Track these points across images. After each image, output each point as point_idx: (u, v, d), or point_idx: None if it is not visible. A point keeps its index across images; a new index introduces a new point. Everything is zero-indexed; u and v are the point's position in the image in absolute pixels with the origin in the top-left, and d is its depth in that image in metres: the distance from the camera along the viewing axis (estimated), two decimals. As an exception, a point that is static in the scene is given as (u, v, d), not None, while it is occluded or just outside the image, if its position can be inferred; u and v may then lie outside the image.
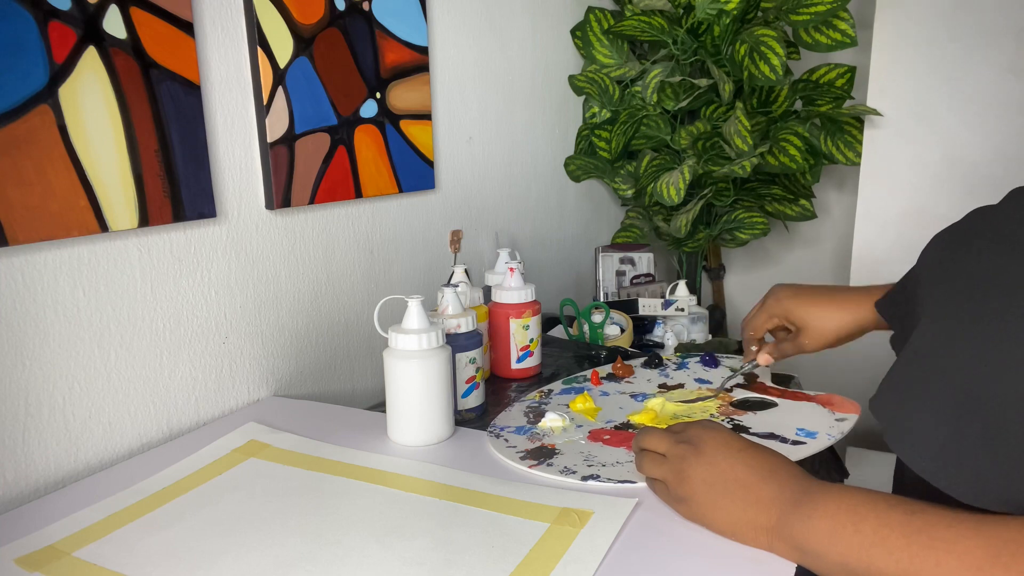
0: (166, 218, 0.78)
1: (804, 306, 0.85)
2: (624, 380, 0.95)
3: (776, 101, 1.50)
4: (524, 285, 0.97)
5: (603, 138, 1.59)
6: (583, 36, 1.57)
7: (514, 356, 0.97)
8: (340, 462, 0.72)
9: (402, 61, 1.07)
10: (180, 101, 0.78)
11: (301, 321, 0.96)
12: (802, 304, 0.85)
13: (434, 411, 0.76)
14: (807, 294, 0.85)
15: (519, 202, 1.44)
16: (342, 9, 0.96)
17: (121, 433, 0.76)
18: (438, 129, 1.18)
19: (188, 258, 0.81)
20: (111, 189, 0.72)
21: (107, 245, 0.73)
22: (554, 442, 0.76)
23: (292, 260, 0.94)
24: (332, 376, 1.01)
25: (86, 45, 0.69)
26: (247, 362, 0.89)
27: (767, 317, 0.89)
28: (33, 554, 0.57)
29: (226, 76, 0.84)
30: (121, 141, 0.73)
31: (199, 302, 0.83)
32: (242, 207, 0.87)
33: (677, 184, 1.43)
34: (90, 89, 0.70)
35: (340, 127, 0.98)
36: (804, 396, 0.87)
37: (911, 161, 1.43)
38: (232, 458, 0.74)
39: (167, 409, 0.80)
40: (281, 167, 0.90)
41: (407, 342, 0.75)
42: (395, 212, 1.10)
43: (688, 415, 0.83)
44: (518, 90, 1.40)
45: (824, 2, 1.35)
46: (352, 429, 0.81)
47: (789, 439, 0.75)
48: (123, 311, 0.75)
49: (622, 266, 1.60)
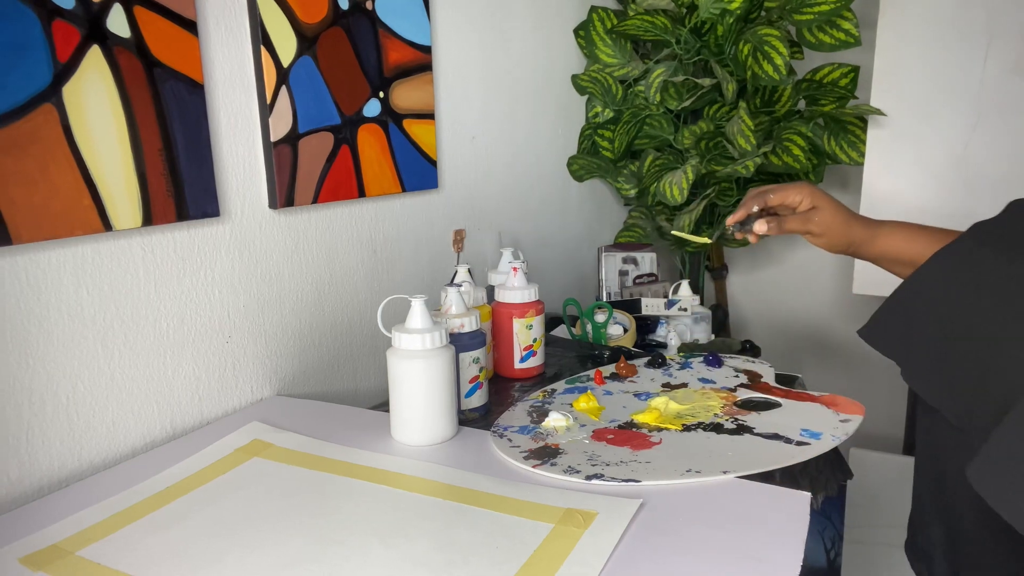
0: (170, 217, 0.78)
1: (828, 198, 0.83)
2: (628, 380, 0.95)
3: (779, 101, 1.50)
4: (527, 285, 0.97)
5: (606, 137, 1.59)
6: (586, 35, 1.57)
7: (517, 356, 0.97)
8: (344, 462, 0.72)
9: (405, 60, 1.07)
10: (184, 100, 0.78)
11: (304, 320, 0.96)
12: (827, 197, 0.84)
13: (437, 411, 0.76)
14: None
15: (522, 202, 1.44)
16: (345, 8, 0.96)
17: (125, 432, 0.76)
18: (441, 128, 1.18)
19: (192, 257, 0.81)
20: (115, 188, 0.72)
21: (111, 244, 0.73)
22: (558, 442, 0.76)
23: (295, 259, 0.94)
24: (335, 375, 1.01)
25: (90, 44, 0.69)
26: (250, 361, 0.89)
27: (787, 187, 0.84)
28: (37, 553, 0.57)
29: (230, 75, 0.84)
30: (125, 140, 0.73)
31: (203, 301, 0.83)
32: (245, 206, 0.87)
33: (680, 183, 1.42)
34: (94, 88, 0.70)
35: (343, 126, 0.98)
36: (808, 396, 0.87)
37: (915, 161, 1.43)
38: (235, 457, 0.74)
39: (171, 408, 0.80)
40: (284, 166, 0.90)
41: (410, 342, 0.75)
42: (398, 211, 1.10)
43: (692, 414, 0.83)
44: (521, 89, 1.40)
45: (828, 2, 1.35)
46: (356, 429, 0.81)
47: (793, 440, 0.75)
48: (127, 310, 0.75)
49: (625, 266, 1.60)
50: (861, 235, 0.84)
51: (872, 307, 0.77)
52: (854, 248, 0.85)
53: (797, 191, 0.84)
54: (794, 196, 0.84)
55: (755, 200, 0.85)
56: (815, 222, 0.83)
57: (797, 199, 0.84)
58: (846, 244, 0.85)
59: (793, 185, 0.84)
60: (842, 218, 0.83)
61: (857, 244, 0.85)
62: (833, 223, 0.83)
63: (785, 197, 0.84)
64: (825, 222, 0.83)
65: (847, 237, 0.84)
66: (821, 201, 0.83)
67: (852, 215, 0.85)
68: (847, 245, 0.85)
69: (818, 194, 0.84)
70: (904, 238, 0.84)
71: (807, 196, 0.84)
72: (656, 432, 0.78)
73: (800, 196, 0.84)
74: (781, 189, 0.85)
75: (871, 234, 0.84)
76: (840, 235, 0.84)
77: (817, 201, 0.83)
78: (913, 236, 0.83)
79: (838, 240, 0.84)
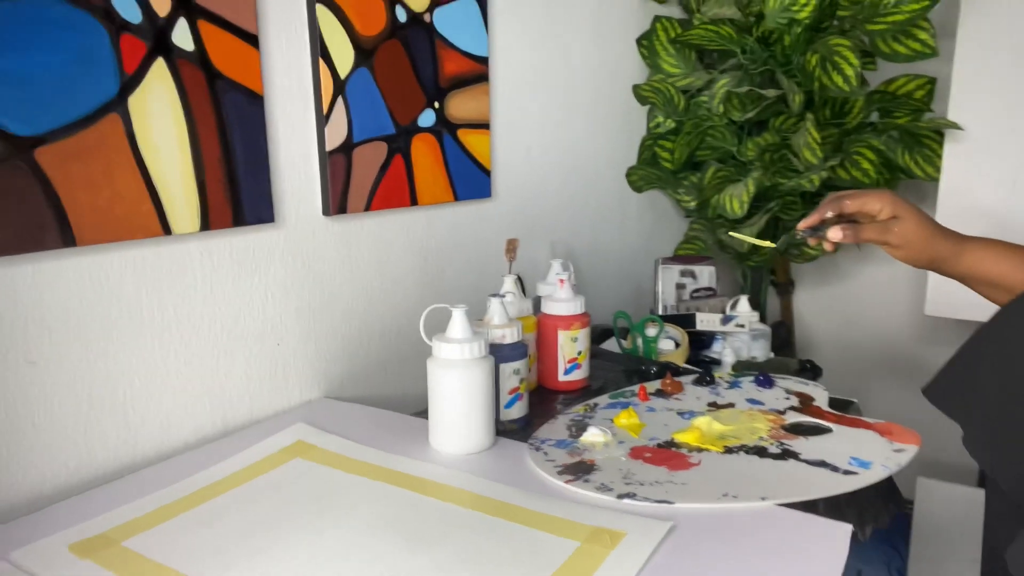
0: (226, 222, 0.81)
1: (911, 208, 0.77)
2: (672, 397, 0.93)
3: (850, 112, 1.45)
4: (574, 296, 0.97)
5: (667, 148, 1.57)
6: (649, 45, 1.55)
7: (561, 368, 0.97)
8: (380, 467, 0.73)
9: (461, 71, 1.08)
10: (243, 110, 0.81)
11: (354, 325, 0.98)
12: (910, 207, 0.78)
13: (475, 421, 0.77)
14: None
15: (578, 212, 1.43)
16: (404, 21, 0.98)
17: (178, 427, 0.79)
18: (496, 138, 1.19)
19: (247, 261, 0.84)
20: (175, 194, 0.75)
21: (170, 247, 0.77)
22: (594, 457, 0.76)
23: (347, 265, 0.96)
24: (383, 380, 1.03)
25: (155, 57, 0.73)
26: (300, 364, 0.92)
27: (866, 193, 0.79)
28: (85, 540, 0.60)
29: (288, 86, 0.87)
30: (186, 148, 0.76)
31: (256, 304, 0.86)
32: (300, 213, 0.90)
33: (741, 196, 1.39)
34: (158, 98, 0.73)
35: (398, 136, 1.00)
36: (862, 423, 0.84)
37: (994, 179, 1.35)
38: (279, 457, 0.76)
39: (222, 406, 0.83)
40: (338, 175, 0.92)
41: (450, 351, 0.76)
42: (450, 220, 1.11)
43: (736, 436, 0.81)
44: (580, 99, 1.39)
45: (903, 11, 1.30)
46: (397, 434, 0.82)
47: (841, 468, 0.72)
48: (183, 311, 0.79)
49: (682, 279, 1.57)
50: (946, 250, 0.78)
51: (949, 329, 0.74)
52: (937, 264, 0.79)
53: (877, 198, 0.78)
54: (874, 203, 0.78)
55: (831, 205, 0.80)
56: (895, 232, 0.77)
57: (877, 206, 0.78)
58: (929, 259, 0.78)
59: (873, 191, 0.79)
60: (926, 231, 0.77)
61: (941, 260, 0.78)
62: (915, 235, 0.77)
63: (864, 204, 0.78)
64: (906, 233, 0.77)
65: (930, 251, 0.78)
66: (903, 210, 0.77)
67: (938, 228, 0.78)
68: (930, 260, 0.79)
69: (900, 203, 0.78)
70: (994, 256, 0.77)
71: (888, 204, 0.78)
72: (696, 453, 0.77)
73: (880, 203, 0.78)
74: (860, 195, 0.79)
75: (957, 250, 0.78)
76: (922, 249, 0.78)
77: (899, 210, 0.77)
78: (1004, 255, 0.77)
79: (920, 254, 0.78)
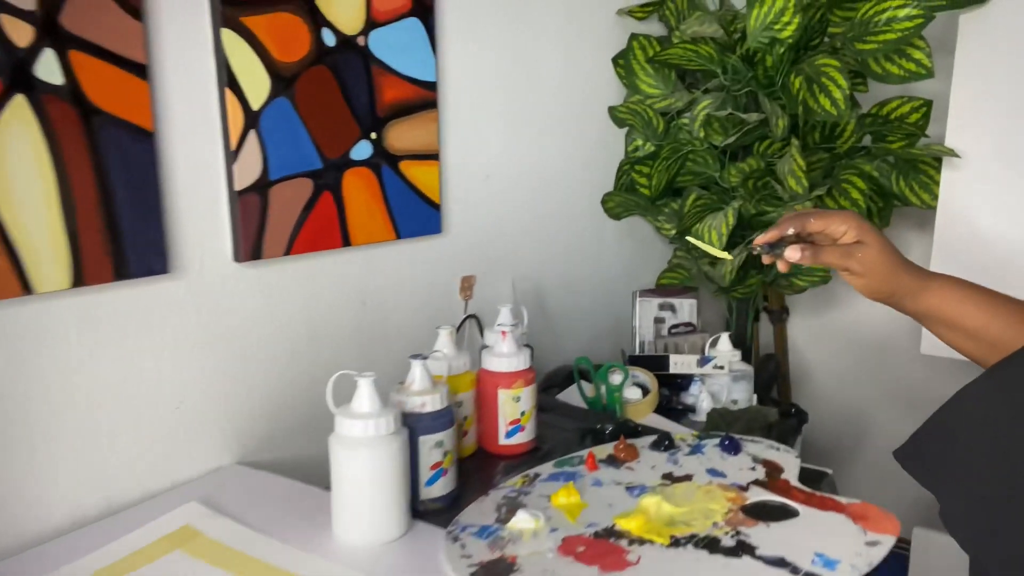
0: (106, 276, 0.71)
1: (877, 235, 0.70)
2: (625, 465, 0.83)
3: (841, 136, 1.34)
4: (518, 351, 0.87)
5: (643, 174, 1.47)
6: (625, 64, 1.46)
7: (502, 431, 0.87)
8: (266, 565, 0.64)
9: (404, 98, 0.99)
10: (127, 149, 0.72)
11: (274, 380, 0.89)
12: (875, 233, 0.70)
13: (382, 507, 0.67)
14: None
15: (548, 242, 1.34)
16: (332, 45, 0.89)
17: (48, 513, 0.70)
18: (448, 168, 1.09)
19: (135, 318, 0.75)
20: (37, 247, 0.66)
21: (34, 307, 0.68)
22: (517, 553, 0.65)
23: (265, 315, 0.87)
24: (308, 440, 0.93)
25: (13, 93, 0.64)
26: (207, 428, 0.82)
27: (832, 213, 0.72)
28: None
29: (189, 120, 0.78)
30: (52, 195, 0.67)
31: (148, 366, 0.76)
32: (205, 261, 0.81)
33: (720, 228, 1.29)
34: (16, 141, 0.64)
35: (325, 171, 0.90)
36: (833, 504, 0.73)
37: (995, 207, 1.24)
38: (158, 547, 0.67)
39: (104, 483, 0.74)
40: (251, 216, 0.83)
41: (352, 427, 0.66)
42: (393, 259, 1.02)
43: (686, 522, 0.70)
44: (550, 122, 1.30)
45: (894, 29, 1.19)
46: (300, 515, 0.72)
47: (802, 570, 0.62)
48: (53, 379, 0.69)
49: (661, 312, 1.47)
50: (909, 284, 0.70)
51: (951, 357, 0.63)
52: (897, 298, 0.71)
53: (842, 219, 0.70)
54: (838, 225, 0.70)
55: (792, 222, 0.72)
56: (857, 258, 0.69)
57: (841, 229, 0.70)
58: (890, 291, 0.71)
59: (839, 212, 0.71)
60: (890, 261, 0.70)
61: (902, 294, 0.71)
62: (879, 264, 0.70)
63: (827, 224, 0.71)
64: (869, 261, 0.69)
65: (892, 283, 0.70)
66: (869, 236, 0.70)
67: (902, 259, 0.71)
68: (891, 293, 0.71)
69: (866, 227, 0.70)
70: (959, 297, 0.69)
71: (853, 227, 0.70)
72: (637, 545, 0.66)
73: (845, 226, 0.70)
74: (825, 215, 0.71)
75: (921, 285, 0.70)
76: (884, 280, 0.70)
77: (864, 235, 0.70)
78: (967, 297, 0.69)
79: (881, 285, 0.70)
